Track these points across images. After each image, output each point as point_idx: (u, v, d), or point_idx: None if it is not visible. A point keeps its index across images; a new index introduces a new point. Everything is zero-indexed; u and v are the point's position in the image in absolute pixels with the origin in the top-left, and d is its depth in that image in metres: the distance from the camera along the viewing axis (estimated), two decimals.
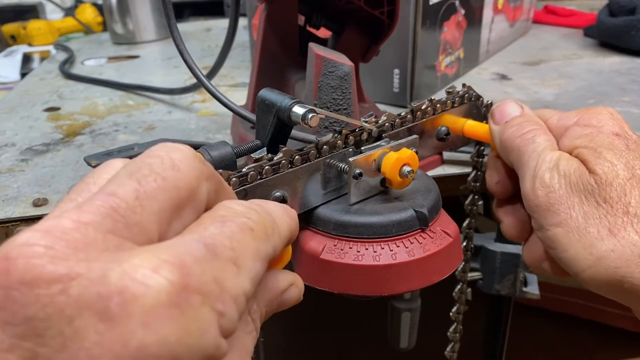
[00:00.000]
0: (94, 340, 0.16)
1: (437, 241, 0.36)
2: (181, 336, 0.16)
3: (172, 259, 0.17)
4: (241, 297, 0.19)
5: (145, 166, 0.20)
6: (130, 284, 0.16)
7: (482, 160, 0.49)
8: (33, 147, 0.63)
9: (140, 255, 0.17)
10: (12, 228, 0.47)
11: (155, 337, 0.16)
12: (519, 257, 0.56)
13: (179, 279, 0.17)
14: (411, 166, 0.36)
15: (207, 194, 0.22)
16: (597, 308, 1.01)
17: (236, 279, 0.19)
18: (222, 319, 0.18)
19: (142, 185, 0.19)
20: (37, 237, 0.17)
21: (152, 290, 0.16)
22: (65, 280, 0.16)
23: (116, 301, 0.16)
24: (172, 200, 0.20)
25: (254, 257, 0.20)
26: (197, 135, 0.64)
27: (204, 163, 0.22)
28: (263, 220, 0.22)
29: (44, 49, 1.31)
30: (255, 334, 0.23)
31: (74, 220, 0.18)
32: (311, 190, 0.36)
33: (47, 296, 0.16)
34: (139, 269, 0.17)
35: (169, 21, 0.43)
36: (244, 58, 0.99)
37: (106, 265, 0.17)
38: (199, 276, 0.17)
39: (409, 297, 0.76)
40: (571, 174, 0.32)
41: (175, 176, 0.20)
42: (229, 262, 0.19)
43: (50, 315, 0.16)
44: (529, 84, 0.78)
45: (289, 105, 0.34)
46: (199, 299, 0.17)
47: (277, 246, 0.23)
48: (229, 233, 0.20)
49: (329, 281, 0.35)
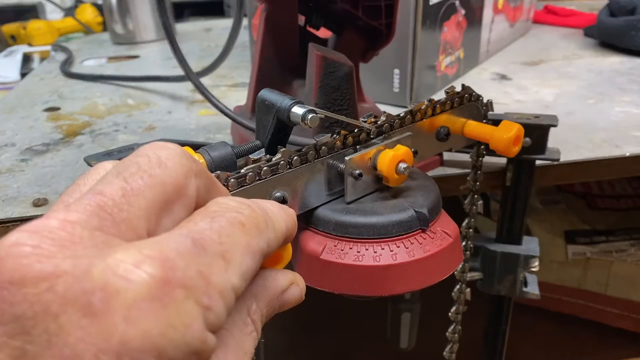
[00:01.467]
0: (78, 335, 0.16)
1: (437, 241, 0.36)
2: (164, 330, 0.16)
3: (154, 253, 0.17)
4: (229, 292, 0.19)
5: (132, 165, 0.20)
6: (112, 279, 0.16)
7: (482, 160, 0.49)
8: (33, 147, 0.63)
9: (123, 250, 0.17)
10: (12, 228, 0.47)
11: (137, 331, 0.16)
12: (519, 257, 0.56)
13: (161, 273, 0.17)
14: (406, 162, 0.36)
15: (197, 190, 0.22)
16: (597, 308, 1.01)
17: (224, 273, 0.19)
18: (208, 313, 0.18)
19: (129, 183, 0.20)
20: (24, 237, 0.17)
21: (134, 285, 0.16)
22: (52, 278, 0.16)
23: (98, 296, 0.16)
24: (159, 197, 0.20)
25: (244, 252, 0.20)
26: (197, 135, 0.64)
27: (193, 160, 0.22)
28: (255, 215, 0.22)
29: (44, 49, 1.31)
30: (256, 334, 0.23)
31: (60, 219, 0.18)
32: (311, 190, 0.36)
33: (35, 294, 0.16)
34: (120, 263, 0.17)
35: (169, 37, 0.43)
36: (244, 58, 0.99)
37: (90, 261, 0.17)
38: (183, 270, 0.18)
39: (409, 297, 0.76)
40: None
41: (162, 173, 0.20)
42: (216, 256, 0.19)
43: (37, 313, 0.16)
44: (529, 84, 0.78)
45: (288, 105, 0.34)
46: (183, 292, 0.17)
47: (271, 242, 0.23)
48: (218, 227, 0.20)
49: (329, 282, 0.35)
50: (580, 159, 0.54)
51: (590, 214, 1.02)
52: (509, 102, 0.71)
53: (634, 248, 0.97)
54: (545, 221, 1.01)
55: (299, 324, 1.07)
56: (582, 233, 0.99)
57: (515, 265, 0.57)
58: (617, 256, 0.97)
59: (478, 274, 0.58)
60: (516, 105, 0.70)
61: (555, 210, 1.03)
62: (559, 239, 0.99)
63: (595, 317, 1.02)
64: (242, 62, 0.97)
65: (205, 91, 0.49)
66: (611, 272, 0.98)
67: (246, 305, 0.23)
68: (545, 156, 0.50)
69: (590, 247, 0.98)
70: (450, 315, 0.55)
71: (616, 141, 0.57)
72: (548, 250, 0.98)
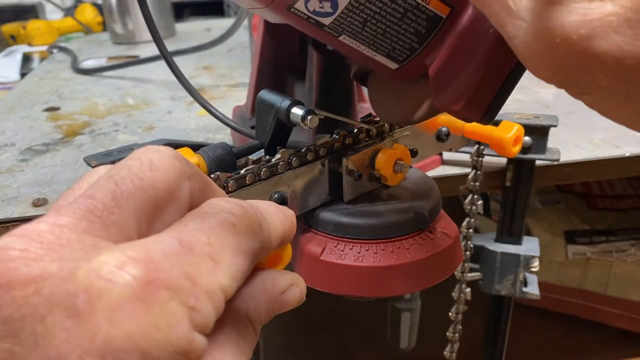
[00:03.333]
0: (63, 337, 0.16)
1: (437, 242, 0.36)
2: (147, 330, 0.16)
3: (138, 255, 0.17)
4: (217, 293, 0.19)
5: (123, 168, 0.20)
6: (95, 281, 0.17)
7: (482, 160, 0.49)
8: (33, 147, 0.63)
9: (108, 252, 0.17)
10: (12, 228, 0.47)
11: (120, 332, 0.16)
12: (519, 257, 0.56)
13: (144, 274, 0.17)
14: (404, 161, 0.36)
15: (190, 193, 0.22)
16: (597, 308, 1.01)
17: (212, 274, 0.19)
18: (194, 314, 0.18)
19: (119, 186, 0.20)
20: (13, 241, 0.17)
21: (117, 286, 0.17)
22: (39, 281, 0.17)
23: (82, 298, 0.16)
24: (150, 200, 0.20)
25: (235, 253, 0.20)
26: (197, 135, 0.64)
27: (186, 163, 0.22)
28: (248, 215, 0.22)
29: (43, 49, 1.31)
30: (254, 336, 0.23)
31: (49, 223, 0.18)
32: (310, 191, 0.36)
33: (22, 297, 0.16)
34: (104, 265, 0.17)
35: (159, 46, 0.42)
36: (244, 58, 0.99)
37: (76, 264, 0.17)
38: (168, 271, 0.18)
39: (409, 298, 0.76)
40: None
41: (153, 176, 0.20)
42: (204, 257, 0.19)
43: (24, 315, 0.16)
44: (529, 84, 0.78)
45: (288, 106, 0.33)
46: (167, 293, 0.17)
47: (265, 243, 0.23)
48: (208, 228, 0.20)
49: (329, 282, 0.35)
50: (580, 159, 0.54)
51: (590, 214, 1.02)
52: (509, 102, 0.70)
53: (634, 248, 0.97)
54: (545, 221, 1.01)
55: (299, 324, 1.07)
56: (582, 233, 0.99)
57: (515, 265, 0.57)
58: (617, 256, 0.97)
59: (478, 274, 0.58)
60: (516, 105, 0.70)
61: (555, 210, 1.03)
62: (559, 239, 0.99)
63: (595, 317, 1.02)
64: (242, 62, 0.97)
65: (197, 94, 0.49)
66: (611, 272, 0.98)
67: (244, 306, 0.23)
68: (545, 156, 0.50)
69: (590, 247, 0.98)
70: (450, 315, 0.55)
71: (616, 141, 0.57)
72: (548, 250, 0.98)
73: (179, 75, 0.45)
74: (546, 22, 0.19)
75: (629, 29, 0.18)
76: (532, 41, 0.20)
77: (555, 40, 0.19)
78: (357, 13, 0.27)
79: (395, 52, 0.30)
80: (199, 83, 0.86)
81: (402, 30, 0.29)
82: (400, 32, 0.29)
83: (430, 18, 0.28)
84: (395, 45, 0.29)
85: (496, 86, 0.29)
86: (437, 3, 0.28)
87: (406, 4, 0.28)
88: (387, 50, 0.30)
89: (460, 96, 0.28)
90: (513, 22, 0.20)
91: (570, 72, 0.20)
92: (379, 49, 0.30)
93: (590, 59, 0.19)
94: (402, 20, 0.28)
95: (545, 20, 0.19)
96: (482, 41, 0.27)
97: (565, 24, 0.19)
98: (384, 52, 0.30)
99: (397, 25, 0.28)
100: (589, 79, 0.19)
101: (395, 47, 0.29)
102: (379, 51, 0.30)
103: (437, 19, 0.28)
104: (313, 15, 0.27)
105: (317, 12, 0.27)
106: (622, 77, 0.19)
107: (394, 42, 0.29)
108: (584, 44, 0.19)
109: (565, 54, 0.19)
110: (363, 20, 0.28)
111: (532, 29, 0.20)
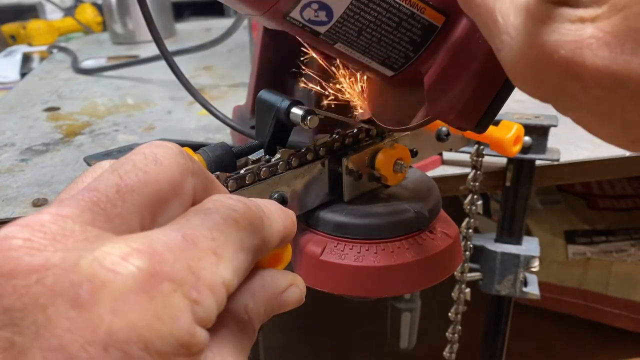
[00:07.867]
0: (65, 326, 0.16)
1: (437, 242, 0.36)
2: (150, 322, 0.17)
3: (142, 247, 0.17)
4: (219, 287, 0.19)
5: (128, 162, 0.20)
6: (99, 271, 0.17)
7: (482, 160, 0.49)
8: (33, 147, 0.63)
9: (112, 243, 0.17)
10: None
11: (123, 323, 0.16)
12: (519, 257, 0.56)
13: (148, 265, 0.17)
14: (404, 161, 0.36)
15: (194, 189, 0.22)
16: (597, 308, 1.01)
17: (214, 268, 0.19)
18: (197, 307, 0.18)
19: (123, 179, 0.20)
20: (16, 230, 0.17)
21: (120, 277, 0.17)
22: (42, 271, 0.16)
23: (86, 288, 0.16)
24: (154, 194, 0.20)
25: (237, 248, 0.20)
26: (197, 135, 0.64)
27: (190, 159, 0.22)
28: (250, 212, 0.22)
29: (43, 49, 1.31)
30: (253, 332, 0.23)
31: (53, 213, 0.18)
32: (310, 191, 0.36)
33: (24, 286, 0.16)
34: (108, 256, 0.17)
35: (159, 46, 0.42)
36: (244, 58, 0.99)
37: (80, 254, 0.17)
38: (171, 264, 0.18)
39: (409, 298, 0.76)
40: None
41: (157, 170, 0.20)
42: (207, 252, 0.19)
43: (26, 304, 0.16)
44: None
45: (287, 106, 0.33)
46: (170, 286, 0.17)
47: (267, 240, 0.23)
48: (211, 224, 0.20)
49: (329, 282, 0.35)
50: (580, 159, 0.54)
51: (590, 214, 1.02)
52: (509, 102, 0.70)
53: (634, 248, 0.97)
54: (545, 221, 1.01)
55: (298, 324, 1.07)
56: (582, 233, 0.99)
57: (515, 266, 0.56)
58: (617, 256, 0.97)
59: (478, 274, 0.58)
60: (516, 105, 0.70)
61: (555, 210, 1.03)
62: (559, 239, 0.99)
63: (595, 317, 1.02)
64: (242, 62, 0.97)
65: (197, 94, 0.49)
66: (611, 272, 0.98)
67: (243, 303, 0.23)
68: (545, 156, 0.50)
69: (591, 247, 0.98)
70: (450, 315, 0.55)
71: None
72: (548, 250, 0.98)
73: (179, 75, 0.45)
74: (529, 39, 0.20)
75: (608, 52, 0.18)
76: (516, 56, 0.20)
77: (537, 57, 0.19)
78: (352, 22, 0.27)
79: (391, 60, 0.30)
80: (199, 83, 0.86)
81: (397, 38, 0.29)
82: (396, 41, 0.29)
83: (425, 27, 0.28)
84: (391, 53, 0.29)
85: (490, 96, 0.29)
86: (432, 12, 0.28)
87: (401, 13, 0.28)
88: (383, 58, 0.30)
89: (454, 106, 0.28)
90: (500, 35, 0.21)
91: (551, 89, 0.20)
92: (374, 57, 0.30)
93: (570, 78, 0.19)
94: (397, 29, 0.28)
95: (528, 38, 0.20)
96: (477, 51, 0.27)
97: (547, 42, 0.19)
98: (379, 59, 0.30)
99: (392, 34, 0.28)
100: (570, 96, 0.20)
101: (391, 55, 0.30)
102: (374, 59, 0.30)
103: (432, 28, 0.28)
104: (308, 24, 0.27)
105: (312, 20, 0.27)
106: (602, 97, 0.19)
107: (389, 50, 0.29)
108: (565, 64, 0.19)
109: (547, 72, 0.20)
110: (358, 29, 0.28)
111: (517, 44, 0.20)
